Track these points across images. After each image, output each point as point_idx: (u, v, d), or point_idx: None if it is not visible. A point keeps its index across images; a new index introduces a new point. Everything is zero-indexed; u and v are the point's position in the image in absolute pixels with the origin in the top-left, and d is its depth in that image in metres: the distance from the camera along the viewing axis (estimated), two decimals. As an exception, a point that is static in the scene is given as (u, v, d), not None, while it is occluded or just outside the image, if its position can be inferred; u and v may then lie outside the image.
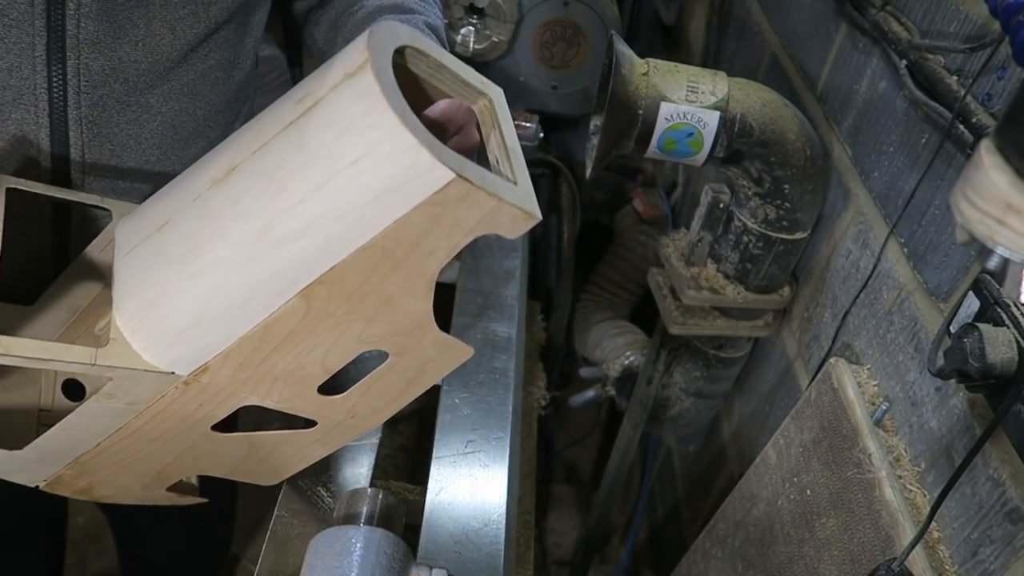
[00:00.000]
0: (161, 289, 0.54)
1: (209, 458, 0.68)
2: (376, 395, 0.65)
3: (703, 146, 0.95)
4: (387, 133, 0.45)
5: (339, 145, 0.46)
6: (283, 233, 0.49)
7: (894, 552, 0.72)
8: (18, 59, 0.63)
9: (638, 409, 1.35)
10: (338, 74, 0.47)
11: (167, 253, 0.54)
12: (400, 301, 0.55)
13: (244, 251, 0.51)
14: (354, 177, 0.47)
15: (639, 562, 1.84)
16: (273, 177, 0.49)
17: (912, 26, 0.84)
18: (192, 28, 0.70)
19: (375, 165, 0.46)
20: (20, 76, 0.64)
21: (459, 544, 0.71)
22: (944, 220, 0.78)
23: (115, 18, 0.65)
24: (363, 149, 0.46)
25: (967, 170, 0.42)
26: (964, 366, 0.64)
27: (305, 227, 0.49)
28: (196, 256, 0.52)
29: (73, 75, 0.66)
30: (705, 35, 1.65)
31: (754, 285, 1.09)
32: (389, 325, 0.57)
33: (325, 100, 0.47)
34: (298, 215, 0.49)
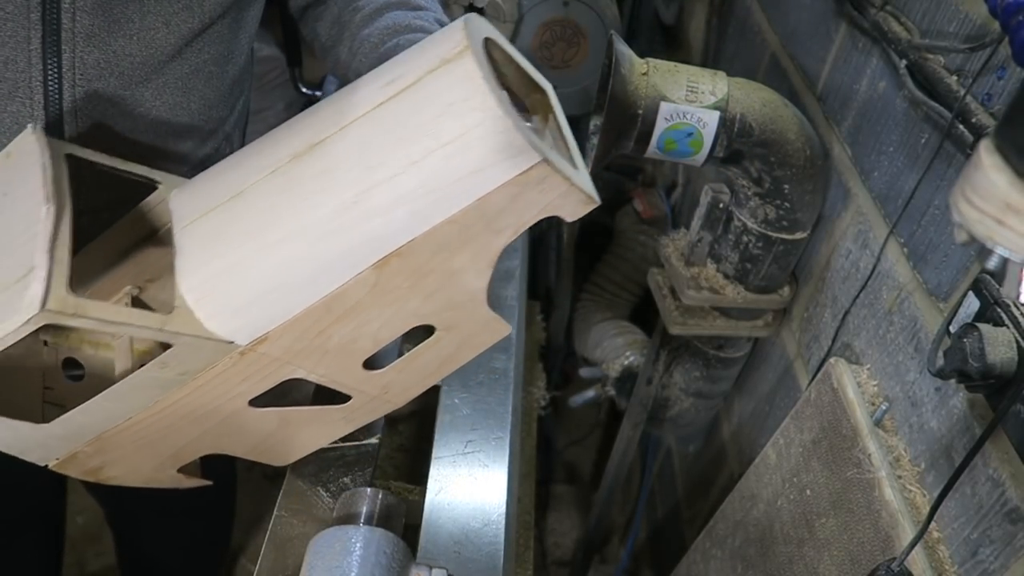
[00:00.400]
0: (233, 259, 0.54)
1: (234, 436, 0.67)
2: (413, 371, 0.66)
3: (703, 146, 0.95)
4: (487, 116, 0.47)
5: (436, 125, 0.49)
6: (374, 205, 0.51)
7: (894, 552, 0.72)
8: (13, 52, 0.64)
9: (638, 409, 1.35)
10: (434, 60, 0.50)
11: (241, 224, 0.54)
12: (462, 277, 0.56)
13: (330, 222, 0.52)
14: (449, 155, 0.49)
15: (639, 562, 1.84)
16: (366, 151, 0.51)
17: (912, 26, 0.84)
18: (187, 23, 0.71)
19: (470, 145, 0.48)
20: (16, 69, 0.64)
21: (459, 544, 0.71)
22: (944, 220, 0.78)
23: (110, 12, 0.66)
24: (460, 130, 0.48)
25: (966, 170, 0.42)
26: (964, 366, 0.64)
27: (395, 200, 0.51)
28: (275, 226, 0.53)
29: (68, 69, 0.66)
30: (705, 35, 1.65)
31: (754, 285, 1.09)
32: (445, 300, 0.58)
33: (421, 83, 0.50)
34: (390, 188, 0.50)
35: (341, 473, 0.78)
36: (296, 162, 0.53)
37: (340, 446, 0.80)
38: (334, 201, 0.52)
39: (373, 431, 0.82)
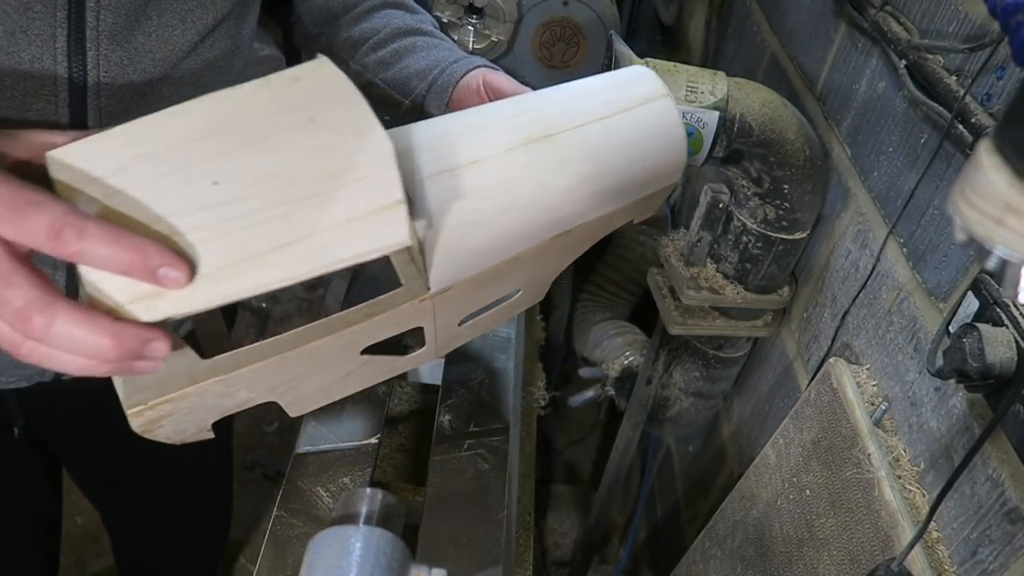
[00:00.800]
0: (468, 217, 0.55)
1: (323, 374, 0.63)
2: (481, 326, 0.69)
3: (702, 146, 0.95)
4: (677, 143, 0.63)
5: (647, 143, 0.62)
6: (586, 193, 0.60)
7: (893, 552, 0.72)
8: (40, 50, 0.64)
9: (637, 409, 1.35)
10: (644, 93, 0.63)
11: (483, 189, 0.56)
12: (587, 244, 0.66)
13: (553, 200, 0.58)
14: (650, 164, 0.63)
15: (639, 562, 1.84)
16: (596, 151, 0.60)
17: (911, 26, 0.84)
18: (201, 19, 0.72)
19: (663, 158, 0.63)
20: (42, 67, 0.65)
21: (459, 544, 0.71)
22: (943, 220, 0.78)
23: (131, 10, 0.67)
24: (658, 148, 0.63)
25: (966, 170, 0.42)
26: (963, 366, 0.64)
27: (615, 185, 0.61)
28: (509, 196, 0.56)
29: (93, 67, 0.67)
30: (704, 35, 1.65)
31: (753, 285, 1.09)
32: (563, 264, 0.66)
33: (634, 111, 0.62)
34: (612, 180, 0.61)
35: (341, 473, 0.78)
36: (534, 145, 0.57)
37: (340, 446, 0.80)
38: (562, 184, 0.58)
39: (373, 431, 0.82)
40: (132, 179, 0.43)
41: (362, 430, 0.82)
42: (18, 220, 0.40)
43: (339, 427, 0.82)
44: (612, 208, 0.63)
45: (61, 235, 0.40)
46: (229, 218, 0.43)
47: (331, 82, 0.47)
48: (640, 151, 0.61)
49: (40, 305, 0.40)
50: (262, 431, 2.08)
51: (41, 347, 0.42)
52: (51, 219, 0.40)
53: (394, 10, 0.92)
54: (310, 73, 0.46)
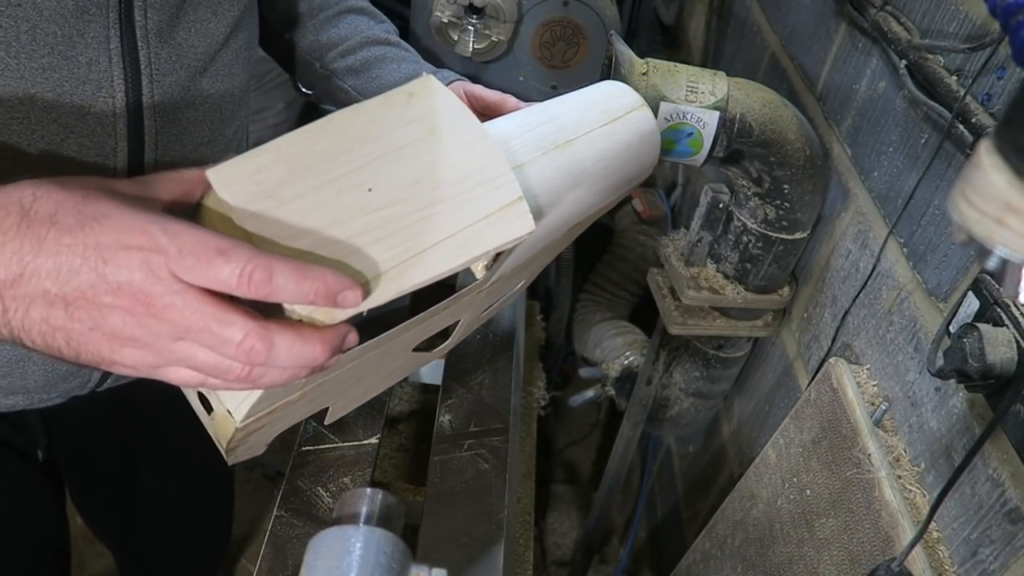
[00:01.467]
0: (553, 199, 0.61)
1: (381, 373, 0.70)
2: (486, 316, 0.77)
3: (702, 146, 0.95)
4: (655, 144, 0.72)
5: (637, 145, 0.70)
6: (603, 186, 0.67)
7: (893, 552, 0.72)
8: (96, 53, 0.64)
9: (638, 409, 1.35)
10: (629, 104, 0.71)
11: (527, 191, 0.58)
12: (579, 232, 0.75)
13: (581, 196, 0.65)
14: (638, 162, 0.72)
15: (639, 562, 1.84)
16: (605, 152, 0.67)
17: (912, 26, 0.84)
18: (230, 11, 0.74)
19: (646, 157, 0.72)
20: (99, 70, 0.65)
21: (459, 544, 0.71)
22: (943, 220, 0.78)
23: (172, 6, 0.68)
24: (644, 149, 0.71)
25: (966, 170, 0.42)
26: (964, 366, 0.64)
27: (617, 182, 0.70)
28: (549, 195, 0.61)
29: (145, 66, 0.67)
30: (704, 35, 1.65)
31: (754, 285, 1.09)
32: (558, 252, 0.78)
33: (624, 119, 0.69)
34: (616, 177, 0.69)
35: (341, 473, 0.78)
36: (558, 152, 0.62)
37: (340, 446, 0.80)
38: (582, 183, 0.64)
39: (373, 431, 0.82)
40: (295, 191, 0.46)
41: (362, 430, 0.82)
42: (210, 270, 0.42)
43: (339, 427, 0.82)
44: (611, 200, 0.71)
45: (252, 280, 0.42)
46: (390, 220, 0.47)
47: (439, 96, 0.52)
48: (633, 152, 0.69)
49: (259, 333, 0.43)
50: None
51: (263, 369, 0.45)
52: (240, 266, 0.42)
53: (359, 16, 0.96)
54: (421, 88, 0.52)
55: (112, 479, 1.14)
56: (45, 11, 0.60)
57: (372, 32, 0.94)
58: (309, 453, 0.79)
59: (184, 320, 0.43)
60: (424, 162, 0.50)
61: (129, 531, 1.27)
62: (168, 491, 1.19)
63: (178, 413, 1.12)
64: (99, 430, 1.04)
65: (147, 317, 0.43)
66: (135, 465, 1.12)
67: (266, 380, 0.46)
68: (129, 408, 1.02)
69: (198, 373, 0.46)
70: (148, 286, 0.42)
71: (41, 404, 0.82)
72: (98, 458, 1.09)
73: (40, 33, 0.60)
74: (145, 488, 1.16)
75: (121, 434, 1.06)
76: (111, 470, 1.11)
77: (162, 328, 0.43)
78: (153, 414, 1.07)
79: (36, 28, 0.60)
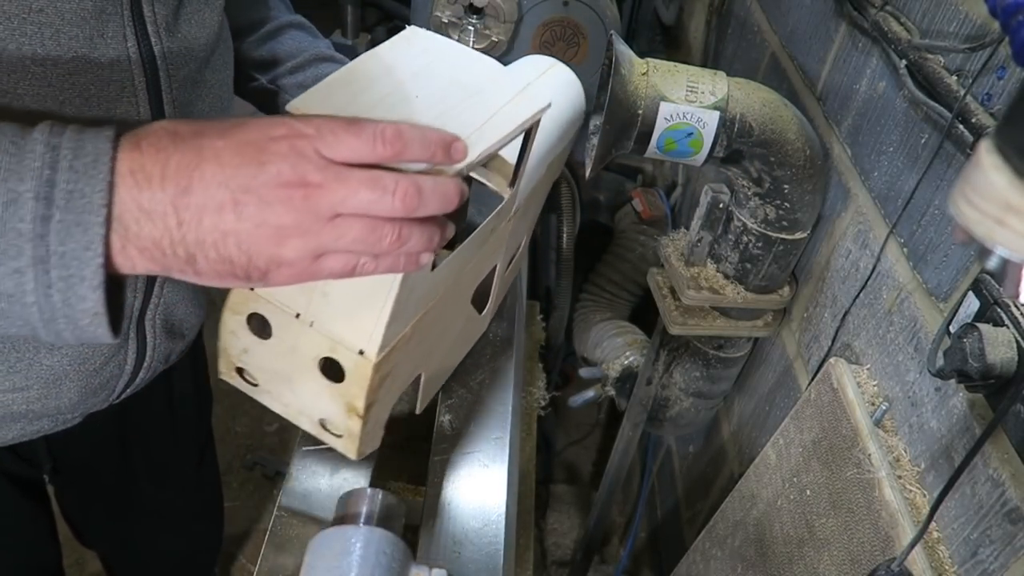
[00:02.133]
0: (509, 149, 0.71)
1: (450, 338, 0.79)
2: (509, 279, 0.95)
3: (702, 146, 0.95)
4: (580, 93, 0.88)
5: (570, 89, 0.87)
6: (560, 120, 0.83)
7: (894, 552, 0.72)
8: (116, 52, 0.63)
9: (638, 409, 1.35)
10: (550, 62, 0.86)
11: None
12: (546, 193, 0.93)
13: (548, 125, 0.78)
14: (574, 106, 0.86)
15: (639, 562, 1.84)
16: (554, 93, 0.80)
17: (912, 26, 0.84)
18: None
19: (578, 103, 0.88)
20: (120, 70, 0.64)
21: (459, 544, 0.71)
22: (944, 220, 0.78)
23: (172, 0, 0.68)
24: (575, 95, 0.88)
25: (966, 170, 0.42)
26: (964, 366, 0.64)
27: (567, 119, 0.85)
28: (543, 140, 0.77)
29: (161, 60, 0.67)
30: (705, 35, 1.65)
31: (754, 285, 1.09)
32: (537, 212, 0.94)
33: (553, 71, 0.86)
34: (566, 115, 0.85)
35: (341, 473, 0.78)
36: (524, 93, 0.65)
37: (340, 446, 0.80)
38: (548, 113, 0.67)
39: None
40: (361, 107, 0.54)
41: (362, 430, 0.82)
42: (348, 139, 0.46)
43: (339, 427, 0.82)
44: (566, 142, 0.86)
45: (385, 139, 0.47)
46: (443, 112, 0.56)
47: (428, 36, 0.64)
48: (569, 95, 0.84)
49: (407, 178, 0.48)
50: (262, 431, 2.08)
51: (409, 230, 0.49)
52: (372, 130, 0.47)
53: (300, 31, 0.97)
54: (412, 34, 0.64)
55: (112, 491, 1.14)
56: (66, 14, 0.58)
57: (318, 49, 0.96)
58: (309, 453, 0.79)
59: (338, 192, 0.46)
60: (445, 75, 0.60)
61: (128, 540, 1.27)
62: (165, 498, 1.20)
63: (171, 424, 1.12)
64: (101, 446, 1.04)
65: (304, 200, 0.46)
66: (134, 476, 1.12)
67: (412, 243, 0.49)
68: (127, 421, 1.03)
69: (351, 256, 0.49)
70: (301, 168, 0.45)
71: (63, 426, 0.82)
72: (100, 472, 1.09)
73: (64, 37, 0.59)
74: (144, 497, 1.16)
75: (120, 447, 1.07)
76: (111, 482, 1.12)
77: (320, 206, 0.46)
78: (149, 425, 1.08)
79: (60, 33, 0.59)
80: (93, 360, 0.75)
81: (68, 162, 0.44)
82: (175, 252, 0.46)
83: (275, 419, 2.14)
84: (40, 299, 0.46)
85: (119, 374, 0.79)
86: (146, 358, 0.81)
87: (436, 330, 0.70)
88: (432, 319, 0.67)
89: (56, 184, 0.44)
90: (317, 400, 0.63)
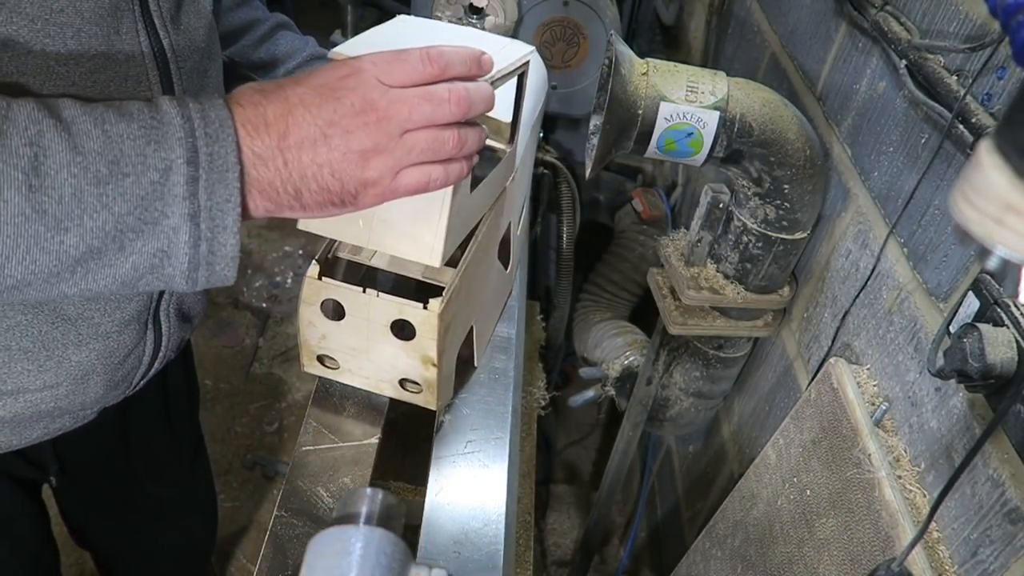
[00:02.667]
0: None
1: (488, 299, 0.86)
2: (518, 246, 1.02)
3: (702, 146, 0.95)
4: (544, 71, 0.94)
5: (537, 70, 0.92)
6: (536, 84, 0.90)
7: (894, 552, 0.72)
8: (131, 48, 0.65)
9: (638, 409, 1.35)
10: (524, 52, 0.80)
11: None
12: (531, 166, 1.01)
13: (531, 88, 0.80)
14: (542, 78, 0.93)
15: (639, 562, 1.84)
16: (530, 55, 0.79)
17: (912, 26, 0.84)
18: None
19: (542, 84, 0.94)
20: (135, 65, 0.66)
21: (459, 544, 0.71)
22: (944, 220, 0.78)
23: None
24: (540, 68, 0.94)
25: (966, 170, 0.42)
26: (964, 366, 0.64)
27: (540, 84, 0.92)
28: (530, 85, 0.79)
29: (171, 55, 0.69)
30: (705, 35, 1.65)
31: (754, 285, 1.09)
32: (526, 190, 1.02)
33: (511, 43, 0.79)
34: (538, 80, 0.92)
35: (341, 473, 0.78)
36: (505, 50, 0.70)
37: (340, 446, 0.80)
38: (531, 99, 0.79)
39: (373, 431, 0.82)
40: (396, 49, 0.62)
41: (362, 430, 0.82)
42: (401, 65, 0.54)
43: (339, 427, 0.82)
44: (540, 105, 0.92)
45: (431, 58, 0.54)
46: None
47: (416, 20, 0.71)
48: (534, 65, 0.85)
49: (453, 85, 0.55)
50: (262, 431, 2.08)
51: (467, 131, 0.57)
52: (419, 54, 0.54)
53: (288, 32, 1.02)
54: (404, 18, 0.71)
55: (113, 490, 1.14)
56: (85, 13, 0.60)
57: (310, 48, 1.01)
58: (309, 453, 0.79)
59: (404, 108, 0.53)
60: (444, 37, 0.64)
61: (127, 538, 1.27)
62: (164, 495, 1.20)
63: (167, 420, 1.12)
64: (105, 444, 1.05)
65: (378, 123, 0.53)
66: (134, 473, 1.13)
67: (469, 143, 0.57)
68: (127, 419, 1.04)
69: (423, 170, 0.56)
70: (370, 95, 0.53)
71: (82, 422, 0.83)
72: (102, 472, 1.10)
73: (84, 36, 0.60)
74: (143, 495, 1.17)
75: (122, 445, 1.08)
76: (113, 481, 1.12)
77: (392, 126, 0.53)
78: (147, 422, 1.09)
79: (80, 32, 0.60)
80: (118, 352, 0.78)
81: (202, 129, 0.51)
82: (286, 189, 0.53)
83: (275, 419, 2.15)
84: (191, 250, 0.52)
85: (138, 365, 0.82)
86: (162, 347, 0.84)
87: (477, 282, 0.78)
88: (472, 271, 0.75)
89: (199, 149, 0.50)
90: (396, 362, 0.74)
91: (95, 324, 0.75)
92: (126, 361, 0.80)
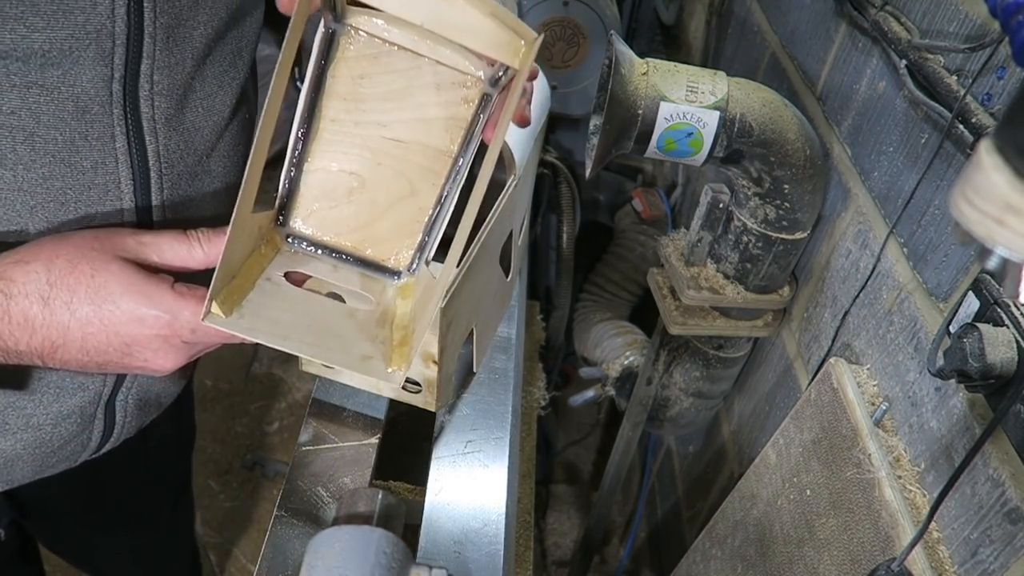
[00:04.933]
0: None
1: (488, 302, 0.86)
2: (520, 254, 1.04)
3: (702, 146, 0.95)
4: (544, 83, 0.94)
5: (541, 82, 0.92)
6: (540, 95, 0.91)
7: (894, 552, 0.72)
8: (101, 155, 0.60)
9: (638, 409, 1.35)
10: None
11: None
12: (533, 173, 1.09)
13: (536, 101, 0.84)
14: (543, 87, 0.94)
15: (639, 562, 1.84)
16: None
17: (912, 26, 0.84)
18: (235, 79, 0.70)
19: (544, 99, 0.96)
20: (104, 172, 0.61)
21: (459, 544, 0.71)
22: (944, 220, 0.78)
23: (181, 86, 0.64)
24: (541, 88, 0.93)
25: (966, 170, 0.42)
26: (964, 366, 0.64)
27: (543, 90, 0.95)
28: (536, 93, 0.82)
29: (154, 160, 0.64)
30: (705, 35, 1.65)
31: (754, 285, 1.09)
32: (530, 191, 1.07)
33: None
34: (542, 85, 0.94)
35: (341, 473, 0.78)
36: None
37: (340, 446, 0.80)
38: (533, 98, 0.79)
39: (373, 431, 0.82)
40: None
41: (362, 430, 0.82)
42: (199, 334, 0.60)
43: (339, 427, 0.82)
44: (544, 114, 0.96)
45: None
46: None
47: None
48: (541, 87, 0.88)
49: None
50: (262, 431, 2.08)
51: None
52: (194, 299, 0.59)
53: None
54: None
55: (77, 540, 1.09)
56: (43, 117, 0.56)
57: None
58: (309, 453, 0.79)
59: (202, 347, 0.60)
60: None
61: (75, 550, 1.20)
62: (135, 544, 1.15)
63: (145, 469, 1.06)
64: (71, 495, 0.99)
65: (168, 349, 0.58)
66: (102, 523, 1.07)
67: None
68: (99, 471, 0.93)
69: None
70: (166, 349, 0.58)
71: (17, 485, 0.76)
72: (63, 522, 1.04)
73: (39, 141, 0.56)
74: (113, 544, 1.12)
75: (90, 496, 1.01)
76: (76, 531, 1.06)
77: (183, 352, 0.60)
78: (120, 473, 1.01)
79: (34, 136, 0.56)
80: (51, 443, 0.73)
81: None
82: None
83: (275, 419, 2.15)
84: None
85: (82, 450, 0.77)
86: (113, 434, 0.79)
87: (479, 282, 0.79)
88: (475, 271, 0.76)
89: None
90: None
91: (26, 415, 0.69)
92: (64, 448, 0.74)
